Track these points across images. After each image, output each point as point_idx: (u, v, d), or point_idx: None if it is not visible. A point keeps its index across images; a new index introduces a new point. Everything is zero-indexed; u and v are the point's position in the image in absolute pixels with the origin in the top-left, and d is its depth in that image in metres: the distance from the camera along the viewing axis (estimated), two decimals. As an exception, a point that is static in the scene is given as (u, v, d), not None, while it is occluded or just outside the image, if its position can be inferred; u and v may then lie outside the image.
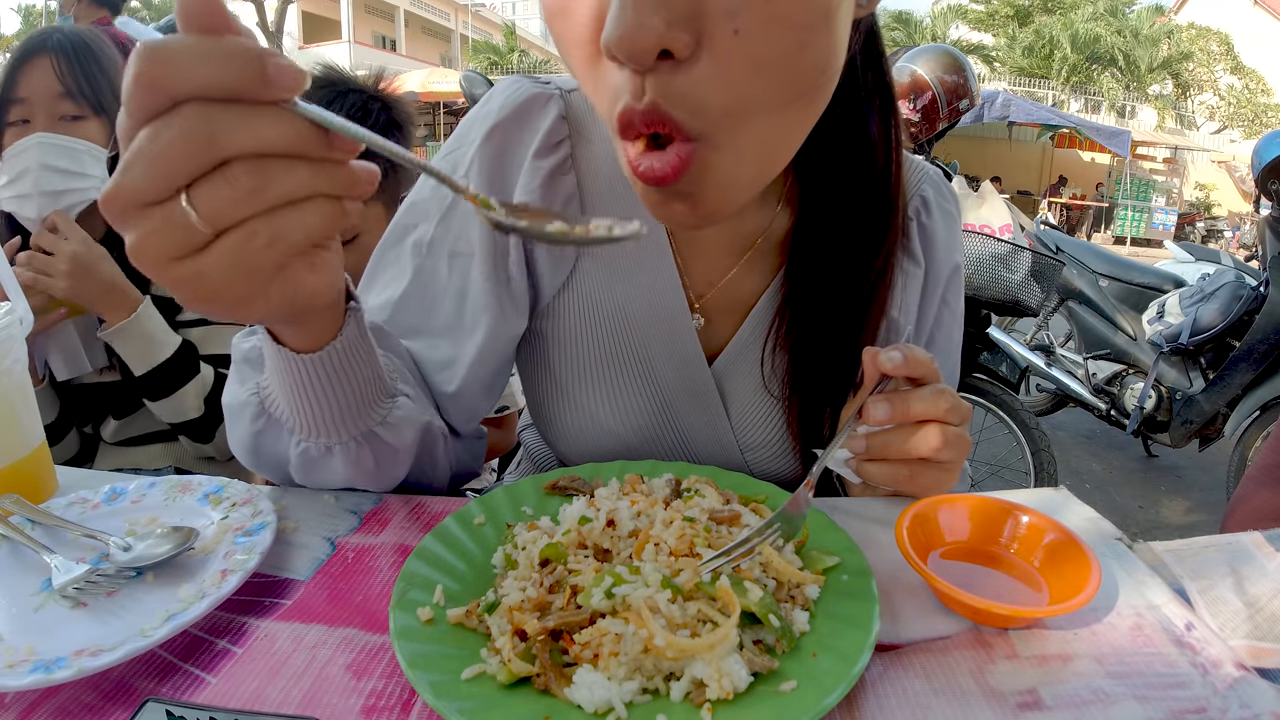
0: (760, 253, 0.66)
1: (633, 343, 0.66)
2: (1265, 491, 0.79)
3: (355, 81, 1.07)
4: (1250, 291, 2.81)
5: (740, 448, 0.69)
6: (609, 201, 0.63)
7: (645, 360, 0.66)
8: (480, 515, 0.56)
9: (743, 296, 0.67)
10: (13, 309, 0.66)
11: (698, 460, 0.70)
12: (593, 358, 0.66)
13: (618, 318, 0.66)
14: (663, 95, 0.38)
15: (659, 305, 0.65)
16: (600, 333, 0.66)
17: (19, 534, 0.55)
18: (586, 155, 0.64)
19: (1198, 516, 2.92)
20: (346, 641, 0.46)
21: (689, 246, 0.66)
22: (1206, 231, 15.48)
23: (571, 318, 0.66)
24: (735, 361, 0.67)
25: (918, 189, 0.68)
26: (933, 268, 0.69)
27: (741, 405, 0.68)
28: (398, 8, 27.27)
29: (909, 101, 2.31)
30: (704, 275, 0.66)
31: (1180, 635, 0.45)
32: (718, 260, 0.66)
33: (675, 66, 0.38)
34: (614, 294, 0.65)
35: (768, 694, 0.40)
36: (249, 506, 0.58)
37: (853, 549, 0.50)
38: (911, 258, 0.67)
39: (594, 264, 0.65)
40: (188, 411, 1.09)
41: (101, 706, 0.41)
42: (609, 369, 0.66)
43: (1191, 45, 21.00)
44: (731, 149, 0.42)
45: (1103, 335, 3.22)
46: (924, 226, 0.68)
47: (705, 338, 0.67)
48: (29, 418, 0.65)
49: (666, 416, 0.68)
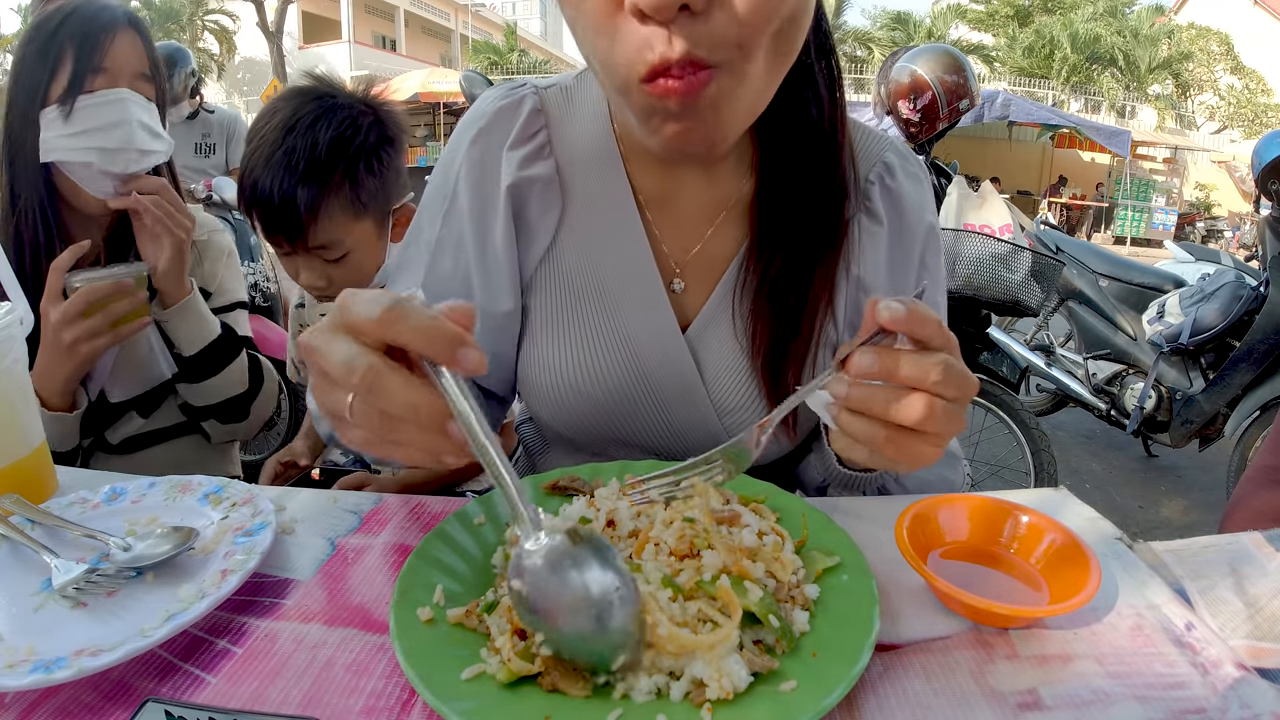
0: (730, 219, 0.70)
1: (608, 311, 0.70)
2: (1265, 492, 0.79)
3: (344, 94, 1.03)
4: (1250, 291, 2.81)
5: (717, 412, 0.71)
6: (585, 178, 0.69)
7: (621, 328, 0.70)
8: (480, 515, 0.56)
9: (716, 262, 0.70)
10: (13, 309, 0.66)
11: (675, 427, 0.72)
12: (572, 327, 0.70)
13: (594, 288, 0.70)
14: (690, 41, 0.46)
15: (633, 275, 0.69)
16: (578, 303, 0.70)
17: (19, 534, 0.55)
18: (563, 140, 0.70)
19: (1198, 516, 2.92)
20: (346, 641, 0.46)
21: (663, 217, 0.70)
22: (1206, 231, 15.48)
23: (551, 289, 0.71)
24: (708, 327, 0.70)
25: (879, 155, 0.72)
26: (904, 228, 0.72)
27: (715, 370, 0.70)
28: (398, 8, 27.27)
29: (909, 101, 2.31)
30: (680, 243, 0.71)
31: (1180, 635, 0.45)
32: (692, 228, 0.70)
33: (693, 17, 0.46)
34: (590, 265, 0.70)
35: (768, 694, 0.40)
36: (249, 506, 0.58)
37: (853, 549, 0.50)
38: (874, 217, 0.70)
39: (571, 236, 0.70)
40: (234, 387, 1.10)
41: (101, 706, 0.41)
42: (586, 337, 0.70)
43: (1191, 45, 20.99)
44: (740, 76, 0.50)
45: (1103, 335, 3.22)
46: (888, 188, 0.71)
47: (679, 306, 0.70)
48: (29, 418, 0.65)
49: (644, 384, 0.70)
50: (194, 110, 3.17)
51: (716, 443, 0.57)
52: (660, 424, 0.72)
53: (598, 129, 0.70)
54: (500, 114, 0.71)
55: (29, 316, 0.69)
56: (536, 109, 0.71)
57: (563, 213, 0.70)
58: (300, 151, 0.96)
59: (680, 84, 0.48)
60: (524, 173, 0.68)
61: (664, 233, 0.70)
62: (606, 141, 0.69)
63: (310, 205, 0.96)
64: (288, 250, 1.02)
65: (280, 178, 0.95)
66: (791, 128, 0.65)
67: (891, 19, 22.37)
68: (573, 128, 0.70)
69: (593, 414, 0.72)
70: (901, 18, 22.42)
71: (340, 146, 0.98)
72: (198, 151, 3.25)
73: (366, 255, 1.06)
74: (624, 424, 0.72)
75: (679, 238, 0.71)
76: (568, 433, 0.74)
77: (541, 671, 0.41)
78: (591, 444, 0.76)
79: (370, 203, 1.02)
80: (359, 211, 1.02)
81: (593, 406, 0.71)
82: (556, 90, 0.72)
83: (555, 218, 0.70)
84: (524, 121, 0.70)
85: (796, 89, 0.63)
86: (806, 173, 0.66)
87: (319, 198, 0.97)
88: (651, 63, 0.47)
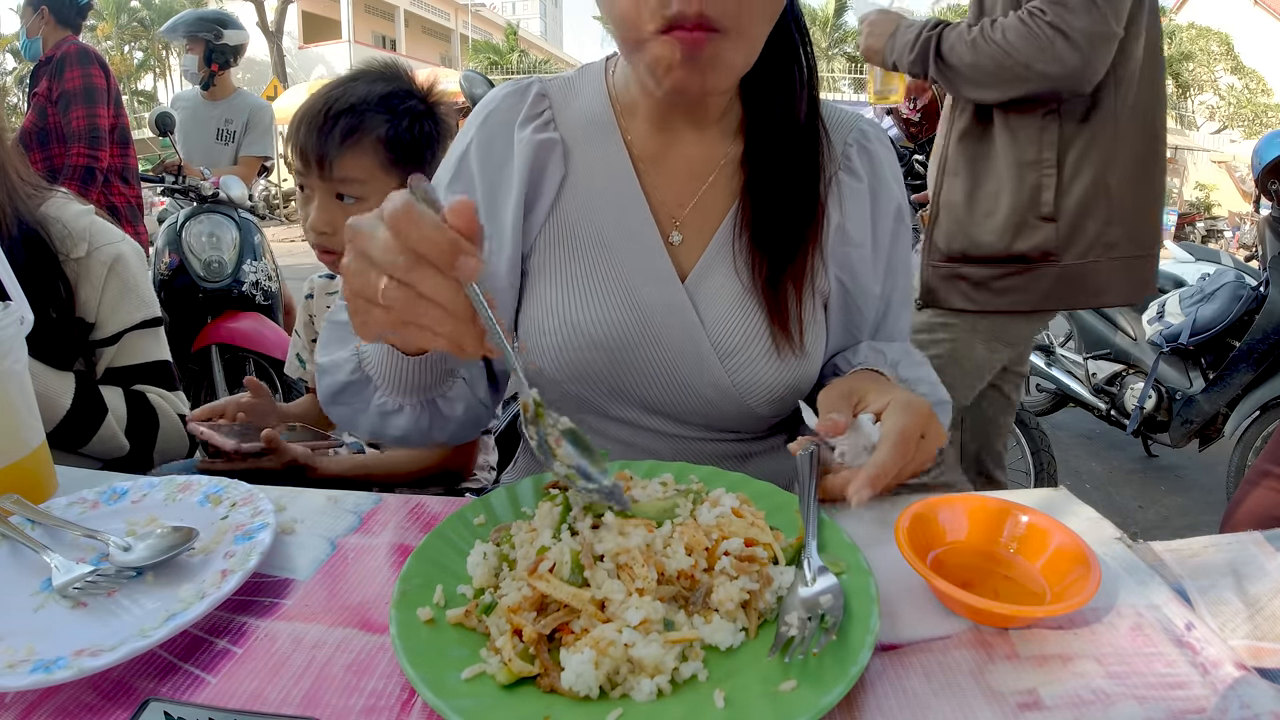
0: (722, 176, 0.77)
1: (610, 263, 0.75)
2: (1265, 492, 0.79)
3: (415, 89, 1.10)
4: (1250, 291, 2.81)
5: (718, 355, 0.74)
6: (584, 146, 0.77)
7: (624, 279, 0.74)
8: (480, 515, 0.56)
9: (711, 216, 0.77)
10: (13, 309, 0.66)
11: (679, 377, 0.75)
12: (575, 277, 0.75)
13: (595, 241, 0.75)
14: (704, 3, 0.58)
15: (632, 229, 0.75)
16: (579, 253, 0.75)
17: (19, 534, 0.55)
18: (565, 116, 0.78)
19: (1198, 516, 2.91)
20: (346, 641, 0.46)
21: (659, 176, 0.77)
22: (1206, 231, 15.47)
23: (553, 245, 0.76)
24: (706, 273, 0.75)
25: (854, 124, 0.81)
26: (880, 185, 0.80)
27: (715, 315, 0.75)
28: (398, 8, 27.26)
29: (909, 102, 2.32)
30: (676, 199, 0.77)
31: (1180, 635, 0.45)
32: (685, 185, 0.77)
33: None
34: (591, 221, 0.76)
35: (768, 693, 0.40)
36: (249, 506, 0.58)
37: (853, 549, 0.50)
38: (854, 175, 0.78)
39: (573, 195, 0.76)
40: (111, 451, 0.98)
41: (101, 706, 0.41)
42: (589, 285, 0.74)
43: (1191, 45, 20.98)
44: (739, 40, 0.62)
45: (1103, 335, 3.22)
46: (866, 149, 0.80)
47: (677, 258, 0.76)
48: (29, 418, 0.65)
49: (647, 332, 0.74)
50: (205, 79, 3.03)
51: (720, 394, 0.74)
52: (664, 374, 0.75)
53: (597, 103, 0.78)
54: (508, 98, 0.79)
55: (29, 316, 0.69)
56: (541, 93, 0.79)
57: (565, 175, 0.76)
58: (357, 92, 1.05)
59: (689, 36, 0.59)
60: (535, 136, 0.75)
61: (660, 190, 0.77)
62: (605, 112, 0.77)
63: (349, 130, 1.02)
64: (310, 179, 1.04)
65: (333, 102, 1.03)
66: (774, 90, 0.74)
67: (891, 19, 22.33)
68: (573, 106, 0.79)
69: (596, 361, 0.74)
70: (901, 18, 22.39)
71: (392, 100, 1.06)
72: (218, 136, 3.13)
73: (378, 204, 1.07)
74: (628, 375, 0.75)
75: (674, 195, 0.77)
76: (572, 387, 0.76)
77: (541, 672, 0.41)
78: (596, 400, 0.77)
79: (403, 161, 1.06)
80: (389, 163, 1.05)
81: (596, 351, 0.74)
82: (559, 80, 0.81)
83: (558, 180, 0.76)
84: (531, 102, 0.78)
85: (777, 55, 0.72)
86: (789, 129, 0.74)
87: (358, 128, 1.02)
88: (669, 17, 0.59)
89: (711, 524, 0.50)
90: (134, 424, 1.00)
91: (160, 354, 1.07)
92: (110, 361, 1.02)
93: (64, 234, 0.97)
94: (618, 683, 0.41)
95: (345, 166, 1.03)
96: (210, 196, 2.73)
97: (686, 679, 0.42)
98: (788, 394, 0.75)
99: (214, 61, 3.03)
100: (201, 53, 3.00)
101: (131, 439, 1.00)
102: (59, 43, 2.58)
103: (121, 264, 1.02)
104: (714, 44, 0.60)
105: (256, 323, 2.68)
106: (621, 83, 0.77)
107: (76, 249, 0.97)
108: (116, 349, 1.02)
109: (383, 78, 1.09)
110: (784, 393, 0.75)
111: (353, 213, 1.05)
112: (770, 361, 0.74)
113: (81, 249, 0.98)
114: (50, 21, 2.57)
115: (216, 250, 2.68)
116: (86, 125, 2.50)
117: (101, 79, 2.56)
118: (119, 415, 0.98)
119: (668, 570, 0.46)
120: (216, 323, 2.69)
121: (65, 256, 0.97)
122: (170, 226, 2.72)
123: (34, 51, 2.61)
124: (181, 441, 1.05)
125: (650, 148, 0.77)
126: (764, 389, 0.75)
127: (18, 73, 16.89)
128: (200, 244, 2.67)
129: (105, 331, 1.01)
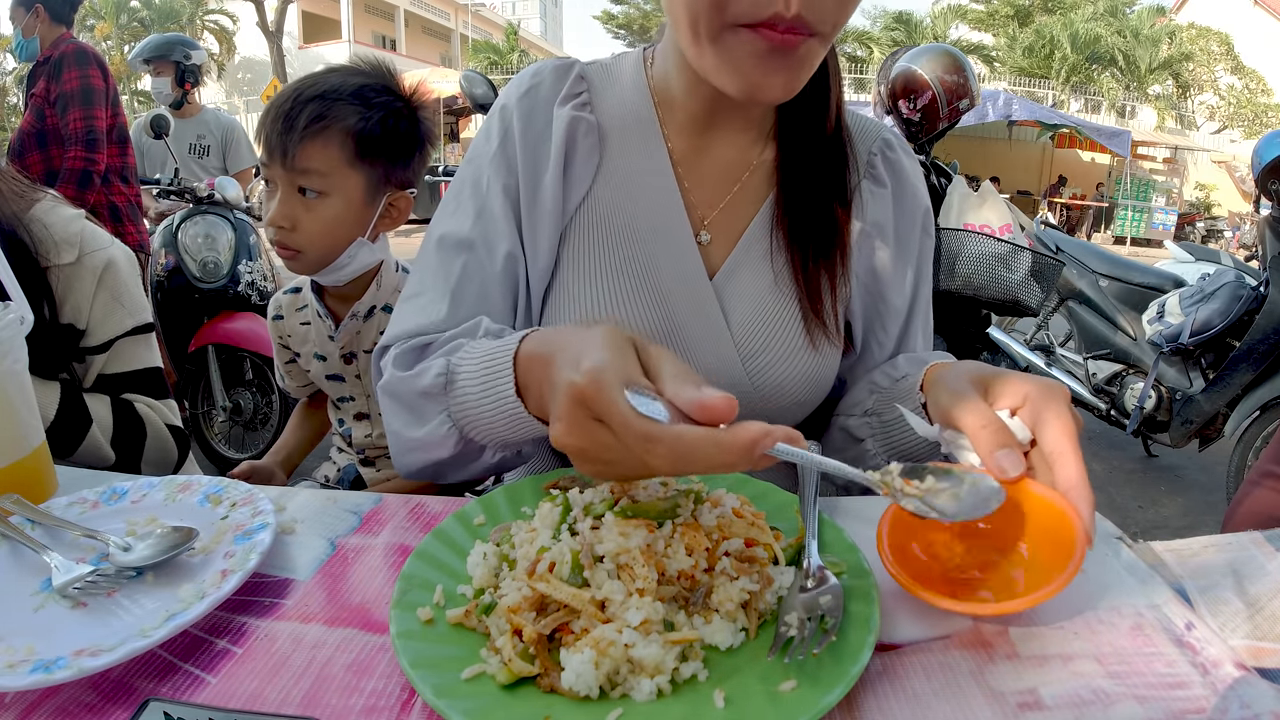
0: (753, 179, 0.78)
1: (640, 258, 0.75)
2: (1266, 492, 0.79)
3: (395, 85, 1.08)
4: (1250, 291, 2.81)
5: (740, 357, 0.75)
6: (621, 136, 0.77)
7: (652, 274, 0.74)
8: (480, 515, 0.56)
9: (740, 218, 0.78)
10: (13, 309, 0.66)
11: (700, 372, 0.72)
12: (603, 267, 0.75)
13: (626, 234, 0.75)
14: (804, 7, 0.56)
15: (664, 225, 0.75)
16: (610, 245, 0.75)
17: (19, 534, 0.55)
18: (602, 103, 0.78)
19: (1198, 516, 2.91)
20: (346, 641, 0.46)
21: (692, 175, 0.77)
22: (1206, 231, 15.48)
23: (585, 233, 0.76)
24: (732, 275, 0.76)
25: (878, 134, 0.82)
26: (905, 194, 0.81)
27: (741, 315, 0.75)
28: (398, 8, 27.25)
29: (909, 101, 2.31)
30: (707, 200, 0.78)
31: (1180, 635, 0.45)
32: (715, 187, 0.78)
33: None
34: (624, 212, 0.76)
35: (768, 693, 0.40)
36: (249, 506, 0.58)
37: (853, 549, 0.50)
38: (878, 182, 0.80)
39: (607, 184, 0.76)
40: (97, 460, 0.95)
41: (101, 706, 0.41)
42: (617, 280, 0.74)
43: (1191, 45, 20.96)
44: (825, 44, 0.61)
45: (1103, 335, 3.22)
46: (889, 159, 0.81)
47: (706, 257, 0.76)
48: (29, 417, 0.65)
49: (672, 329, 0.74)
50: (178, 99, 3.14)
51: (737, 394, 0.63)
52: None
53: (637, 97, 0.78)
54: (554, 73, 0.79)
55: (29, 316, 0.69)
56: (581, 75, 0.79)
57: (600, 162, 0.76)
58: (330, 82, 1.03)
59: (785, 37, 0.58)
60: (572, 122, 0.75)
61: (693, 189, 0.77)
62: (646, 107, 0.77)
63: (314, 118, 0.99)
64: (273, 170, 1.02)
65: (303, 89, 1.02)
66: (809, 96, 0.73)
67: (892, 19, 22.34)
68: (611, 93, 0.79)
69: None
70: (902, 18, 22.40)
71: (366, 91, 1.04)
72: (191, 151, 3.24)
73: (343, 214, 1.05)
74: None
75: (706, 196, 0.78)
76: None
77: (541, 672, 0.41)
78: None
79: (369, 157, 1.04)
80: (355, 158, 1.03)
81: None
82: (597, 65, 0.82)
83: (594, 166, 0.76)
84: (572, 81, 0.78)
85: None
86: (821, 134, 0.76)
87: (324, 116, 1.00)
88: (765, 16, 0.57)
89: (712, 525, 0.50)
90: (120, 434, 0.98)
91: (151, 361, 1.05)
92: (101, 369, 1.01)
93: (48, 239, 0.94)
94: (618, 683, 0.41)
95: (307, 156, 0.99)
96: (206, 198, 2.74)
97: (686, 679, 0.42)
98: (805, 397, 0.76)
99: (186, 81, 3.14)
100: (173, 74, 3.11)
101: (118, 449, 0.98)
102: (56, 41, 2.57)
103: (112, 270, 0.99)
104: (806, 45, 0.60)
105: (252, 323, 2.68)
106: (660, 79, 0.77)
107: (65, 255, 0.95)
108: (107, 356, 1.00)
109: (362, 72, 1.07)
110: (802, 396, 0.76)
111: (315, 209, 1.05)
112: (796, 357, 0.75)
113: (71, 254, 0.95)
114: (45, 19, 2.56)
115: (212, 251, 2.69)
116: (84, 128, 2.49)
117: (100, 80, 2.55)
118: (105, 425, 0.96)
119: (668, 571, 0.46)
120: (213, 323, 2.70)
121: (49, 263, 0.94)
122: (166, 228, 2.72)
123: (30, 51, 2.60)
124: (170, 452, 1.03)
125: (687, 147, 0.77)
126: (785, 390, 0.75)
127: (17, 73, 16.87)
128: (196, 245, 2.68)
129: (96, 339, 0.99)
